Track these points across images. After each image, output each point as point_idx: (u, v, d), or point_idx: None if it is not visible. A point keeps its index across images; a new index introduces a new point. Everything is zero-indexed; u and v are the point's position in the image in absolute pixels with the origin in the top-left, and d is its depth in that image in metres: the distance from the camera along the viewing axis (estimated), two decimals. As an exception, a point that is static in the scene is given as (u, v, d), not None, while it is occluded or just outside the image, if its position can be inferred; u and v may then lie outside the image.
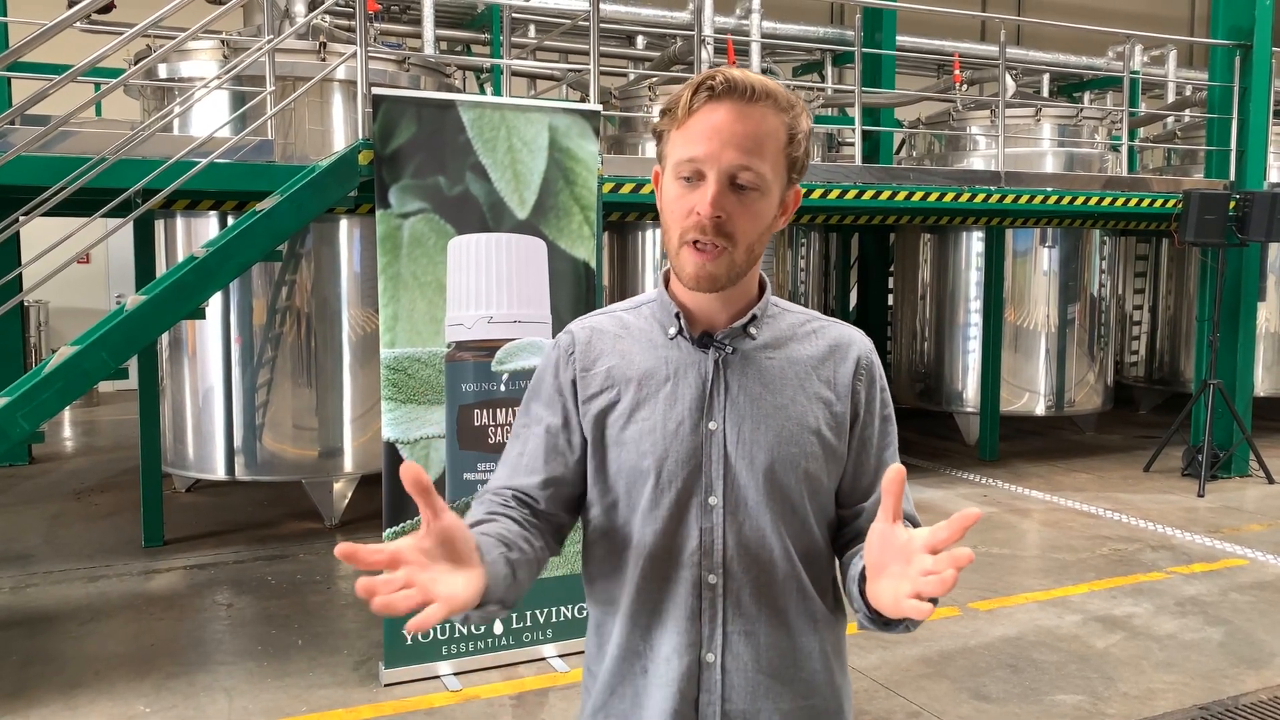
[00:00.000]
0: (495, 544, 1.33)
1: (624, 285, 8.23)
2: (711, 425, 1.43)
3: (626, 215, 7.44)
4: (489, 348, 4.24)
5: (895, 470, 1.22)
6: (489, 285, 4.23)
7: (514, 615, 4.37)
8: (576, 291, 4.41)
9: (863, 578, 1.33)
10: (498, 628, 4.34)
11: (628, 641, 1.47)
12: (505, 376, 4.26)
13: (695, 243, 1.37)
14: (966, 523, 1.14)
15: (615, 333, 1.51)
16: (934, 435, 9.73)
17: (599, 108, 4.66)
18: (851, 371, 1.49)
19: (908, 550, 1.21)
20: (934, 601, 1.18)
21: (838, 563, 1.53)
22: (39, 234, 4.74)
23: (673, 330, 1.47)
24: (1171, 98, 11.47)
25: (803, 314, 1.54)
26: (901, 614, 1.20)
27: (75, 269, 4.61)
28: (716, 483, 1.42)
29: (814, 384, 1.47)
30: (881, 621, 1.33)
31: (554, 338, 1.59)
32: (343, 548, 1.14)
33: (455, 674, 4.26)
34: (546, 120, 4.31)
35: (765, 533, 1.43)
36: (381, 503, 4.21)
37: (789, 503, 1.44)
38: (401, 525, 4.17)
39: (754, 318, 1.46)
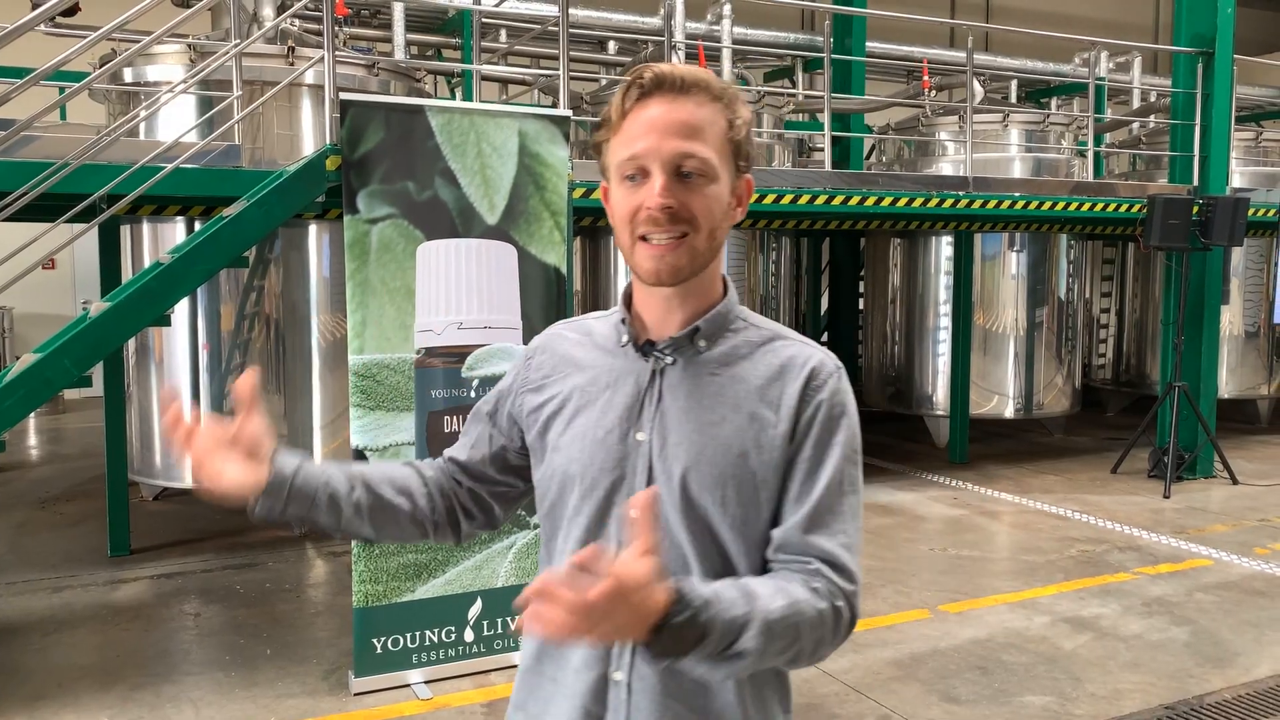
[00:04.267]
0: (349, 477, 1.48)
1: (595, 291, 8.23)
2: (640, 436, 1.38)
3: (598, 220, 7.44)
4: (459, 353, 4.23)
5: (644, 495, 1.15)
6: (459, 291, 4.22)
7: (485, 622, 4.35)
8: (547, 297, 4.40)
9: None
10: (468, 635, 4.32)
11: (542, 647, 1.46)
12: (475, 382, 4.24)
13: (646, 238, 1.33)
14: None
15: (576, 339, 1.50)
16: (904, 438, 9.79)
17: (569, 113, 4.66)
18: (799, 390, 1.37)
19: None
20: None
21: None
22: (2, 239, 4.67)
23: (624, 338, 1.44)
24: (1136, 104, 11.63)
25: (769, 330, 1.45)
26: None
27: (40, 274, 4.56)
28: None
29: (753, 403, 1.37)
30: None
31: (527, 344, 1.62)
32: (172, 411, 1.39)
33: (426, 682, 4.23)
34: (516, 125, 4.31)
35: (678, 551, 1.35)
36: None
37: (705, 527, 1.35)
38: (371, 532, 4.13)
39: (697, 329, 1.39)
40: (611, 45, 9.84)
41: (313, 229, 6.36)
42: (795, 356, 1.40)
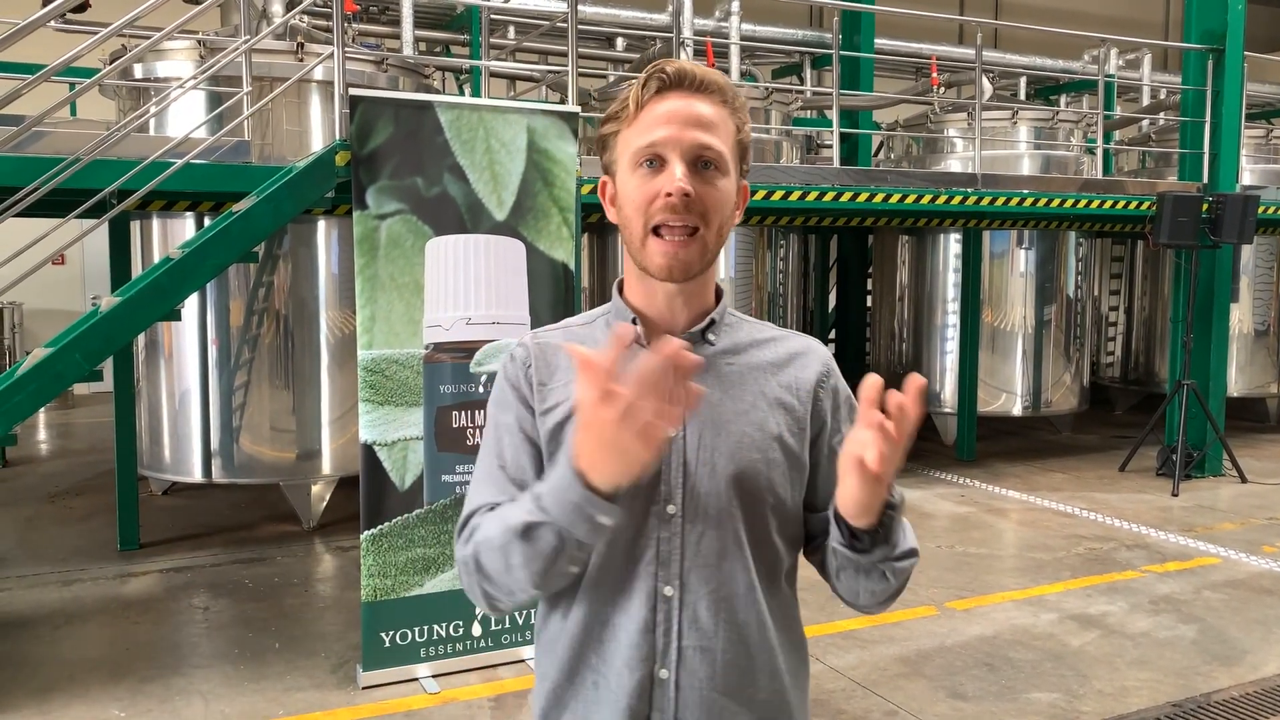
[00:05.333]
0: None
1: (603, 287, 8.24)
2: (670, 431, 1.39)
3: (606, 216, 7.44)
4: (467, 349, 4.24)
5: (872, 379, 1.20)
6: (467, 286, 4.23)
7: (492, 617, 4.36)
8: (555, 293, 4.41)
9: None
10: (476, 629, 4.33)
11: (578, 653, 1.41)
12: (484, 378, 4.26)
13: (661, 229, 1.34)
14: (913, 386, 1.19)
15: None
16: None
17: (578, 109, 4.67)
18: (814, 379, 1.46)
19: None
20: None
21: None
22: (12, 235, 4.69)
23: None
24: (1146, 101, 11.59)
25: (760, 324, 1.51)
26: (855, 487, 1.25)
27: (50, 270, 4.58)
28: (675, 491, 1.37)
29: (774, 389, 1.43)
30: (851, 541, 1.34)
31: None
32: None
33: (434, 676, 4.25)
34: (525, 121, 4.31)
35: (726, 544, 1.38)
36: (359, 505, 4.19)
37: (753, 512, 1.39)
38: (379, 527, 4.15)
39: (712, 322, 1.43)
40: (619, 42, 9.84)
41: (321, 225, 6.38)
42: (800, 347, 1.49)
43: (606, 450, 1.16)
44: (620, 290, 1.46)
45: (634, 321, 1.42)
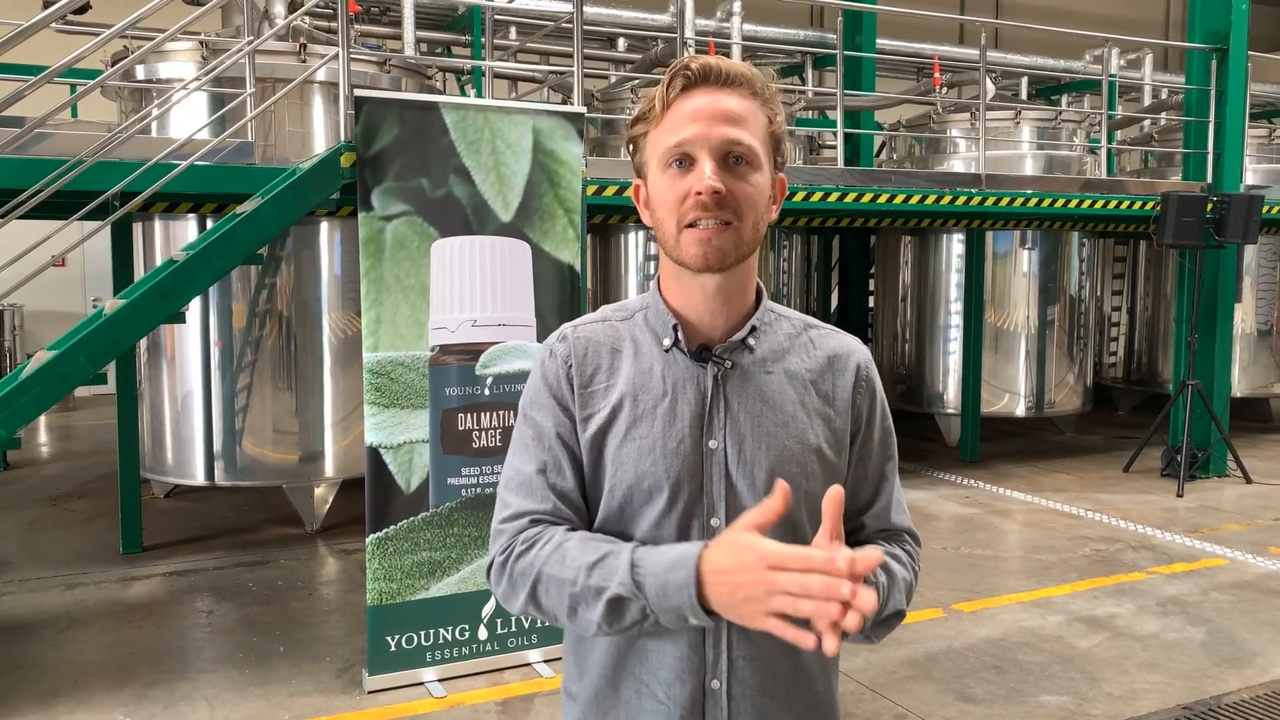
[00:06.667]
0: None
1: (608, 288, 8.23)
2: (712, 444, 1.38)
3: (610, 218, 7.44)
4: (473, 351, 4.22)
5: (834, 491, 1.19)
6: (473, 288, 4.21)
7: (498, 620, 4.34)
8: (561, 294, 4.39)
9: None
10: (482, 633, 4.31)
11: (619, 664, 1.41)
12: (489, 380, 4.23)
13: (696, 224, 1.32)
14: (872, 563, 1.16)
15: (611, 346, 1.44)
16: (916, 437, 9.76)
17: (583, 110, 4.65)
18: (851, 384, 1.45)
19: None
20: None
21: None
22: (14, 237, 4.67)
23: (668, 341, 1.40)
24: (1149, 101, 11.57)
25: (800, 321, 1.49)
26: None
27: (50, 272, 4.56)
28: (719, 503, 1.37)
29: (813, 399, 1.43)
30: None
31: (542, 341, 1.51)
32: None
33: (440, 680, 4.23)
34: (530, 122, 4.29)
35: None
36: (364, 507, 4.17)
37: (790, 523, 1.37)
38: (384, 531, 4.13)
39: (753, 329, 1.41)
40: (621, 42, 9.82)
41: (325, 226, 6.36)
42: (839, 350, 1.48)
43: (741, 594, 1.18)
44: (660, 289, 1.44)
45: (675, 328, 1.40)
